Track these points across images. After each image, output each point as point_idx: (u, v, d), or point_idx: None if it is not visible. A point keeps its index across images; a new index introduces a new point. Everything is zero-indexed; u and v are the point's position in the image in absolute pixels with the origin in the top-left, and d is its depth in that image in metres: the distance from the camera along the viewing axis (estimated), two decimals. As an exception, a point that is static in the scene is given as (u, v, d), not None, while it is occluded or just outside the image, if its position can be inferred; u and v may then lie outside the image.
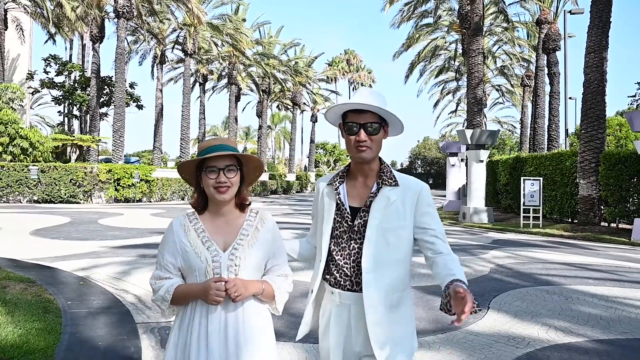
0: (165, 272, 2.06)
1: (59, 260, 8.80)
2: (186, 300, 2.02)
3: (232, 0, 38.76)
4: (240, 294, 1.92)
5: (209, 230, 2.07)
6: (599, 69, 15.32)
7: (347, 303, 2.01)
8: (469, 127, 22.03)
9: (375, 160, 2.06)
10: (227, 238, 2.07)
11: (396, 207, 2.00)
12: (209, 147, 2.03)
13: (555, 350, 4.70)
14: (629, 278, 8.29)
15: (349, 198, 2.07)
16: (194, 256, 2.02)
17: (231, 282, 1.92)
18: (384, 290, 1.97)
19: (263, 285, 2.05)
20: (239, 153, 2.07)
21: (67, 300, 6.04)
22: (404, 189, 2.03)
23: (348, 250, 2.02)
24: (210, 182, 2.01)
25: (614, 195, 14.70)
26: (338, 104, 2.06)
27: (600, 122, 15.51)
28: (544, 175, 18.21)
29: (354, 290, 2.00)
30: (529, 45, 35.48)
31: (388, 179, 2.03)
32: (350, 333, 2.01)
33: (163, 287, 2.02)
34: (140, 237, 12.27)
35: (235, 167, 2.05)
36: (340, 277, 2.02)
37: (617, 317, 5.83)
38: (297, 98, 54.34)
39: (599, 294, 6.99)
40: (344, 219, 2.04)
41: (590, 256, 10.80)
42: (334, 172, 2.18)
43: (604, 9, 15.38)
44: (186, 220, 2.11)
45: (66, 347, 4.40)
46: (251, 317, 2.03)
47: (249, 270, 2.04)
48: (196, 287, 1.98)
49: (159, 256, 2.10)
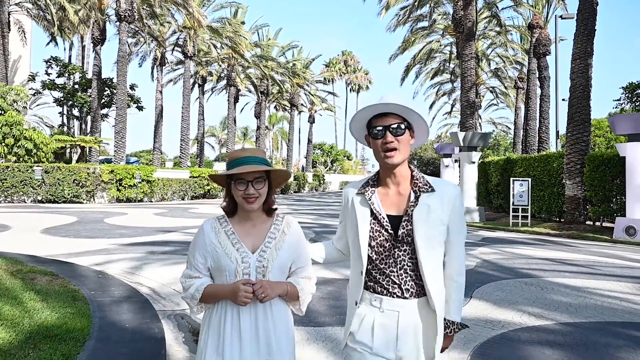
0: (195, 272, 2.16)
1: (73, 257, 9.34)
2: (215, 299, 2.12)
3: (231, 4, 39.45)
4: (267, 295, 2.02)
5: (238, 233, 2.17)
6: (585, 74, 16.04)
7: (394, 310, 2.02)
8: (462, 129, 22.76)
9: (404, 165, 2.09)
10: (256, 241, 2.17)
11: (437, 213, 2.02)
12: (238, 159, 2.12)
13: (525, 331, 5.37)
14: (602, 271, 8.98)
15: (383, 206, 2.08)
16: (224, 256, 2.11)
17: (258, 283, 2.03)
18: (442, 290, 2.07)
19: (288, 286, 2.14)
20: (268, 168, 2.14)
21: (90, 290, 6.67)
22: (440, 194, 2.04)
23: (393, 259, 2.03)
24: (240, 193, 2.11)
25: (598, 195, 15.43)
26: (359, 110, 2.08)
27: (585, 126, 16.22)
28: (533, 176, 18.94)
29: (404, 297, 2.02)
30: (522, 49, 36.26)
31: (423, 185, 2.05)
32: (396, 340, 2.02)
33: (193, 285, 2.13)
34: (147, 235, 12.87)
35: (263, 179, 2.14)
36: (388, 285, 2.03)
37: (584, 304, 6.51)
38: (294, 99, 55.03)
39: (572, 285, 7.68)
40: (383, 227, 2.05)
41: (572, 252, 11.49)
42: (361, 179, 2.22)
43: (589, 17, 16.09)
44: (217, 223, 2.21)
45: (98, 327, 5.05)
46: (278, 316, 2.13)
47: (276, 271, 2.14)
48: (225, 287, 2.08)
49: (190, 256, 2.20)
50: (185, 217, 19.16)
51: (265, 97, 50.14)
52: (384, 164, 2.05)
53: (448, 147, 26.42)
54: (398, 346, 2.01)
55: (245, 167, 2.06)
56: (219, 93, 54.09)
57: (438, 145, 29.16)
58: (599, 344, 4.91)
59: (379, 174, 2.15)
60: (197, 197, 32.39)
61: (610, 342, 4.98)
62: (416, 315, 2.01)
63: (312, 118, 62.26)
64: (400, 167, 2.06)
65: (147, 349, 4.59)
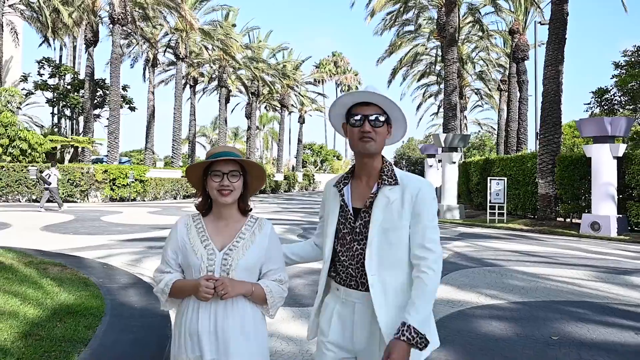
0: (167, 267, 2.21)
1: (76, 252, 9.97)
2: (182, 294, 2.16)
3: (223, 7, 40.27)
4: (227, 292, 2.03)
5: (209, 230, 2.21)
6: (556, 80, 17.04)
7: (352, 300, 2.03)
8: (445, 131, 23.73)
9: (378, 157, 2.07)
10: (225, 239, 2.19)
11: (396, 206, 1.99)
12: (215, 153, 2.18)
13: (480, 309, 6.26)
14: (560, 261, 9.93)
15: (352, 199, 2.09)
16: (191, 253, 2.15)
17: (220, 280, 2.04)
18: (391, 291, 1.97)
19: (253, 287, 2.13)
20: (243, 159, 2.20)
21: (98, 278, 7.45)
22: (403, 187, 2.01)
23: (352, 252, 2.03)
24: (214, 185, 2.15)
25: (568, 193, 16.46)
26: (342, 95, 2.08)
27: (557, 128, 17.24)
28: (509, 175, 19.95)
29: (360, 289, 2.01)
30: (504, 53, 37.37)
31: (388, 177, 2.03)
32: (352, 330, 2.02)
33: (163, 280, 2.17)
34: (143, 232, 13.61)
35: (238, 173, 2.18)
36: (346, 277, 2.04)
37: (536, 287, 7.43)
38: (285, 100, 55.86)
39: (529, 272, 8.61)
40: (347, 220, 2.06)
41: (538, 246, 12.46)
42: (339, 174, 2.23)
43: (560, 26, 17.10)
44: (190, 220, 2.26)
45: (111, 307, 5.86)
46: (241, 317, 2.13)
47: (241, 271, 2.14)
48: (190, 282, 2.11)
49: (163, 251, 2.26)
50: (178, 215, 19.91)
51: (256, 98, 50.94)
52: (358, 151, 2.05)
53: (432, 147, 27.37)
54: (354, 339, 2.01)
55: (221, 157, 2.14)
56: (210, 94, 54.87)
57: (422, 146, 30.14)
58: (540, 318, 5.81)
59: (354, 168, 2.15)
60: (189, 196, 33.11)
61: (549, 316, 5.88)
62: (372, 309, 1.96)
63: (302, 118, 63.15)
64: (374, 160, 2.05)
65: (155, 322, 5.41)
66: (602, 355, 4.57)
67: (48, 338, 4.50)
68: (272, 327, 4.99)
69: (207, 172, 2.19)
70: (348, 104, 2.07)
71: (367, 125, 1.98)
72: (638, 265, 9.66)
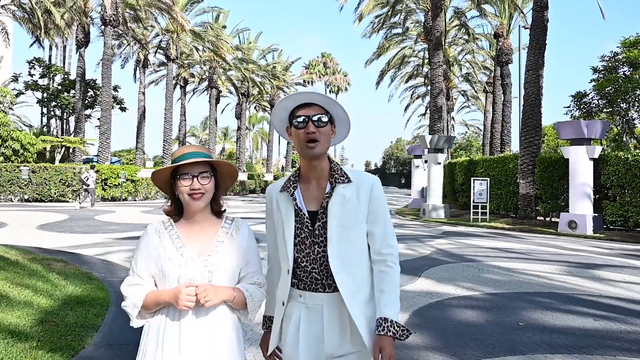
0: (137, 279, 2.05)
1: (74, 249, 10.35)
2: (157, 306, 2.01)
3: (213, 9, 40.67)
4: (210, 299, 1.93)
5: (183, 237, 2.08)
6: (536, 84, 17.72)
7: (319, 305, 1.99)
8: (431, 132, 24.38)
9: (325, 158, 2.05)
10: (202, 245, 2.07)
11: (352, 203, 1.99)
12: (182, 155, 2.05)
13: (457, 299, 6.81)
14: (535, 257, 10.55)
15: (305, 202, 2.04)
16: (167, 261, 2.02)
17: (202, 287, 1.93)
18: (357, 286, 1.98)
19: (234, 292, 2.05)
20: (212, 159, 2.08)
21: (100, 273, 7.91)
22: (357, 184, 2.02)
23: (313, 255, 1.99)
24: (184, 189, 2.02)
25: (547, 193, 17.15)
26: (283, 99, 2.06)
27: (537, 130, 17.92)
28: (492, 176, 20.63)
29: (327, 291, 1.98)
30: (489, 56, 38.17)
31: (340, 176, 2.02)
32: (322, 335, 1.98)
33: (133, 293, 2.01)
34: (138, 231, 13.97)
35: (209, 174, 2.06)
36: (310, 281, 2.00)
37: (509, 280, 8.02)
38: (274, 100, 56.24)
39: (505, 267, 9.20)
40: (303, 224, 2.01)
41: (517, 243, 13.08)
42: (282, 179, 2.16)
43: (541, 33, 17.78)
44: (161, 226, 2.11)
45: (115, 298, 6.31)
46: (223, 323, 2.04)
47: (222, 277, 2.04)
48: (167, 292, 1.98)
49: (132, 262, 2.09)
50: (170, 214, 20.32)
51: (246, 99, 51.37)
52: (304, 155, 2.01)
53: (418, 148, 28.01)
54: (325, 341, 1.97)
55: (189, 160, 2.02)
56: (200, 94, 55.24)
57: (409, 147, 30.82)
58: (510, 307, 6.37)
59: (299, 170, 2.12)
60: (179, 196, 33.49)
61: (518, 306, 6.44)
62: (342, 310, 1.96)
63: (292, 119, 63.60)
64: (321, 161, 2.03)
65: (157, 311, 5.89)
66: (560, 337, 5.13)
67: (62, 324, 4.97)
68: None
69: (174, 174, 2.06)
70: (290, 107, 2.05)
71: (311, 126, 1.97)
72: (607, 261, 10.29)
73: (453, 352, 4.67)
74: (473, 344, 4.87)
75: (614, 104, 19.42)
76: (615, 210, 15.52)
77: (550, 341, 5.02)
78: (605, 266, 9.58)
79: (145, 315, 2.04)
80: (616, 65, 19.82)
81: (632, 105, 19.50)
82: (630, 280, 8.25)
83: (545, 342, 4.97)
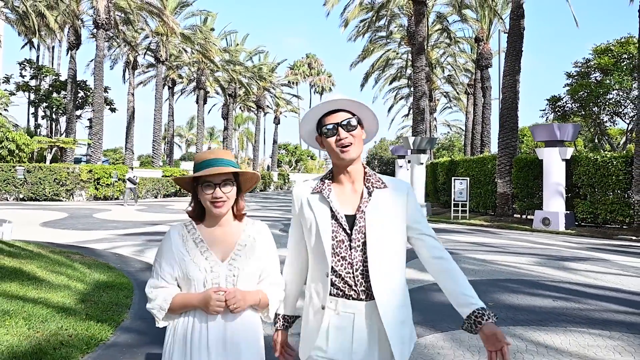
0: (161, 281, 2.07)
1: (82, 244, 11.00)
2: (184, 309, 2.02)
3: (202, 12, 41.38)
4: (239, 305, 1.95)
5: (207, 240, 2.08)
6: (513, 89, 18.84)
7: (349, 312, 1.94)
8: (414, 134, 25.43)
9: (359, 161, 2.04)
10: (225, 248, 2.08)
11: (390, 209, 1.98)
12: (205, 161, 2.04)
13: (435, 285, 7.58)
14: (509, 250, 11.58)
15: (340, 206, 2.00)
16: (192, 266, 2.02)
17: (231, 293, 1.94)
18: (393, 294, 1.96)
19: (260, 295, 2.07)
20: (236, 170, 2.07)
21: (115, 264, 8.68)
22: (392, 190, 2.01)
23: (349, 260, 1.94)
24: (207, 197, 2.02)
25: (523, 192, 18.29)
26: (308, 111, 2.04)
27: (514, 132, 19.05)
28: (472, 175, 21.76)
29: (360, 299, 1.94)
30: (470, 59, 39.45)
31: (376, 181, 2.02)
32: (351, 343, 1.93)
33: (160, 295, 2.03)
34: (137, 228, 14.72)
35: (231, 182, 2.06)
36: (343, 287, 1.95)
37: (484, 270, 9.00)
38: (261, 101, 57.16)
39: (481, 258, 10.20)
40: (340, 226, 1.96)
41: (494, 238, 14.13)
42: (311, 180, 2.12)
43: (517, 40, 18.90)
44: (184, 229, 2.12)
45: (137, 283, 7.13)
46: (248, 326, 2.06)
47: (247, 280, 2.06)
48: (195, 296, 1.99)
49: (156, 265, 2.11)
50: (164, 212, 21.09)
51: (233, 99, 52.12)
52: (339, 161, 1.99)
53: (401, 149, 29.06)
54: (353, 349, 1.92)
55: (212, 169, 2.01)
56: (187, 95, 55.84)
57: (393, 148, 31.90)
58: (482, 291, 7.32)
59: (332, 172, 2.08)
60: (169, 195, 34.14)
61: (489, 289, 7.41)
62: (373, 318, 1.92)
63: (278, 119, 64.50)
64: (355, 164, 2.01)
65: (177, 294, 6.75)
66: (523, 314, 6.09)
67: (100, 302, 5.82)
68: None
69: (197, 179, 2.06)
70: (316, 118, 2.04)
71: (342, 132, 1.95)
72: (574, 254, 11.35)
73: (432, 325, 5.57)
74: (449, 319, 5.76)
75: (587, 107, 20.64)
76: (585, 207, 16.68)
77: (514, 317, 5.97)
78: (572, 258, 10.62)
79: (171, 317, 2.06)
80: (588, 71, 21.03)
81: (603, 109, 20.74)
82: (592, 269, 9.27)
83: (510, 317, 5.92)
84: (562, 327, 5.53)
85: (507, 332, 5.31)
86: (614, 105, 20.72)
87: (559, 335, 5.23)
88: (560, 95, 21.00)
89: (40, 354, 4.08)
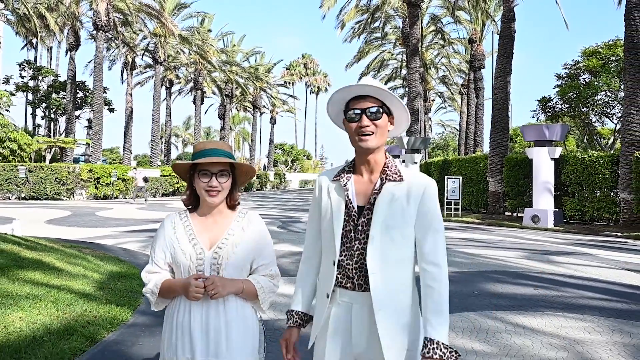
0: (155, 267, 2.14)
1: (90, 240, 11.45)
2: (171, 294, 2.10)
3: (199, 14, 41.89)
4: (217, 292, 1.97)
5: (196, 228, 2.13)
6: (504, 90, 19.42)
7: (347, 302, 1.91)
8: (408, 134, 25.97)
9: (380, 152, 1.95)
10: (213, 237, 2.11)
11: (400, 203, 1.88)
12: (203, 150, 2.08)
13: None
14: (498, 245, 12.14)
15: (355, 195, 1.95)
16: (180, 252, 2.08)
17: (210, 280, 1.97)
18: (393, 291, 1.87)
19: (243, 284, 2.08)
20: (233, 161, 2.10)
21: (124, 257, 9.17)
22: (408, 184, 1.90)
23: (352, 251, 1.90)
24: (202, 185, 2.06)
25: (514, 190, 18.88)
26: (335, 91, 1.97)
27: (505, 132, 19.63)
28: (464, 174, 22.36)
29: (357, 290, 1.90)
30: (464, 60, 40.07)
31: (392, 174, 1.92)
32: (350, 334, 1.90)
33: (152, 280, 2.11)
34: (140, 225, 15.16)
35: (227, 173, 2.09)
36: (343, 277, 1.91)
37: (472, 262, 9.54)
38: (257, 101, 57.67)
39: (470, 252, 10.75)
40: (350, 217, 1.93)
41: (484, 234, 14.69)
42: (335, 167, 2.09)
43: (508, 42, 19.48)
44: (177, 217, 2.19)
45: (148, 274, 7.66)
46: (233, 315, 2.08)
47: (232, 269, 2.08)
48: (179, 282, 2.05)
49: (151, 251, 2.18)
50: (164, 210, 21.54)
51: (229, 100, 52.60)
52: (358, 147, 1.94)
53: (396, 149, 29.54)
54: (353, 341, 1.90)
55: (210, 158, 2.05)
56: (185, 95, 56.34)
57: (388, 147, 32.33)
58: (469, 281, 7.86)
59: (354, 161, 2.03)
60: (167, 194, 34.59)
61: (476, 280, 7.95)
62: (371, 311, 1.86)
63: (274, 119, 65.00)
64: (376, 154, 1.95)
65: (186, 283, 7.26)
66: (505, 301, 6.62)
67: (117, 289, 6.32)
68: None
69: (194, 166, 2.11)
70: (345, 100, 1.97)
71: (365, 120, 1.88)
72: (560, 249, 11.91)
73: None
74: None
75: (576, 108, 21.25)
76: (573, 205, 17.28)
77: (497, 303, 6.49)
78: (557, 252, 11.19)
79: (163, 301, 2.15)
80: (577, 72, 21.64)
81: (591, 109, 21.36)
82: (574, 262, 9.83)
83: (493, 304, 6.44)
84: (540, 312, 6.05)
85: (489, 315, 5.84)
86: (603, 106, 21.37)
87: (536, 318, 5.75)
88: (550, 97, 21.63)
89: (70, 331, 4.59)
